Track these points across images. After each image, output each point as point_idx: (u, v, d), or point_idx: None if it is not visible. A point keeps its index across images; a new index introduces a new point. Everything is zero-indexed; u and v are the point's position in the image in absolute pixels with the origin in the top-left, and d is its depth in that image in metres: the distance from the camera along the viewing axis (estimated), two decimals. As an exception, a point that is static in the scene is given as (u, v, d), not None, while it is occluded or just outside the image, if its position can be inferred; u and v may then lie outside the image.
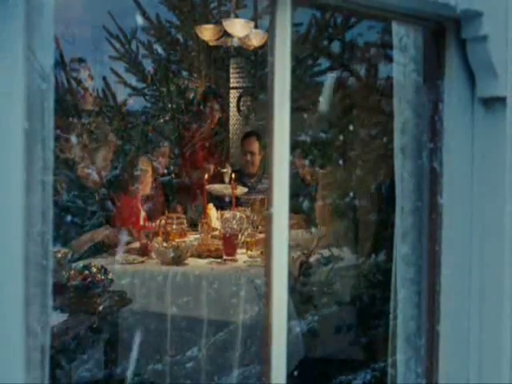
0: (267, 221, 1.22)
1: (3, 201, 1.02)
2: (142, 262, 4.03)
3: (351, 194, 4.20)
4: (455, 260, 1.45)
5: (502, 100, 1.41)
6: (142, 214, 4.69)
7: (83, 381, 3.13)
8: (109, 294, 2.98)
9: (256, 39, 5.24)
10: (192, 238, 4.44)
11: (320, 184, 4.58)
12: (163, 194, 5.29)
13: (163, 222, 4.50)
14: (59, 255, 2.92)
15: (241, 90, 6.72)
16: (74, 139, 4.43)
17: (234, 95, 6.78)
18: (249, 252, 4.12)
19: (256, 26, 5.33)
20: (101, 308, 2.83)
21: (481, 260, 1.46)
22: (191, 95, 6.09)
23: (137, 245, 4.28)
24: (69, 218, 3.94)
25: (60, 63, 5.13)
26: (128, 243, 4.32)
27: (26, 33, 1.04)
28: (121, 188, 4.68)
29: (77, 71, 5.35)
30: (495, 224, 1.43)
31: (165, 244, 4.12)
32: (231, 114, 6.69)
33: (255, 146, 5.32)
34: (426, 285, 1.51)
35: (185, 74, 6.10)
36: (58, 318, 2.59)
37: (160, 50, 5.89)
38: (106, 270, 3.01)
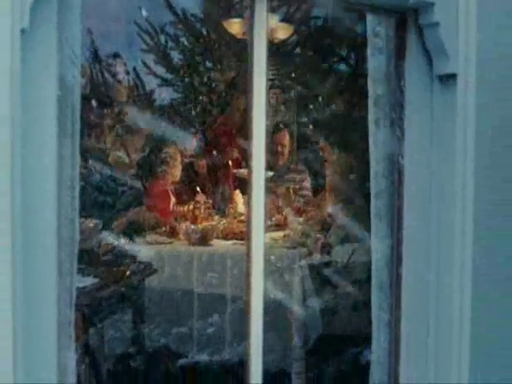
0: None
1: (40, 170, 1.30)
2: (171, 242, 4.31)
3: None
4: (416, 213, 1.71)
5: (453, 76, 1.67)
6: (172, 199, 4.96)
7: (114, 340, 3.44)
8: (136, 264, 3.26)
9: (281, 32, 5.43)
10: (218, 221, 4.69)
11: (331, 166, 4.75)
12: (191, 179, 5.54)
13: (191, 206, 4.76)
14: (91, 225, 3.19)
15: (270, 83, 6.94)
16: (107, 127, 4.73)
17: (262, 87, 6.98)
18: (272, 234, 4.32)
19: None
20: (128, 274, 3.11)
21: (439, 211, 1.72)
22: (217, 86, 6.32)
23: (166, 227, 4.55)
24: (101, 197, 4.25)
25: (95, 57, 5.44)
26: (157, 226, 4.58)
27: (59, 24, 1.34)
28: (151, 174, 4.97)
29: (113, 66, 5.64)
30: (448, 179, 1.69)
31: (192, 226, 4.38)
32: (260, 105, 6.90)
33: (286, 139, 5.57)
34: (394, 237, 1.76)
35: (211, 65, 6.32)
36: (89, 281, 2.87)
37: (186, 43, 6.13)
38: (133, 239, 3.28)
